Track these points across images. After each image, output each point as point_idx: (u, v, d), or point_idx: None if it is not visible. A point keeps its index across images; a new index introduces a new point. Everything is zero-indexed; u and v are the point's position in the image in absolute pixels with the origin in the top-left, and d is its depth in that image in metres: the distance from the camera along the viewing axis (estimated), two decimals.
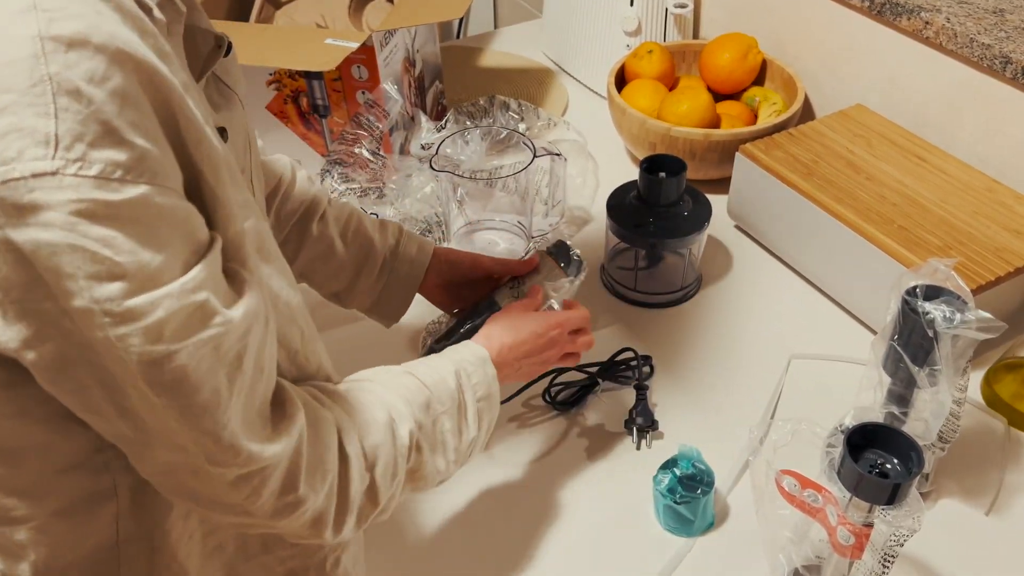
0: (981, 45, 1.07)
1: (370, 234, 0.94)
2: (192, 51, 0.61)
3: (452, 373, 0.72)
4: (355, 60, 1.18)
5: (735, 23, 1.48)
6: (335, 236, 0.92)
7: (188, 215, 0.49)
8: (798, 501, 0.69)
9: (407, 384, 0.69)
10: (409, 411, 0.67)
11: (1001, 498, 0.88)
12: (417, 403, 0.68)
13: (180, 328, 0.48)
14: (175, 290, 0.47)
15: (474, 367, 0.74)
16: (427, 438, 0.68)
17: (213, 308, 0.50)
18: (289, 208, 0.91)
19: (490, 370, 0.75)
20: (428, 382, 0.70)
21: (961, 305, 0.72)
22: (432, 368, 0.72)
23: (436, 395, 0.70)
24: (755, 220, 1.19)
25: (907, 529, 0.63)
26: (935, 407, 0.76)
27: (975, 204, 1.04)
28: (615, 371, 1.01)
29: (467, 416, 0.72)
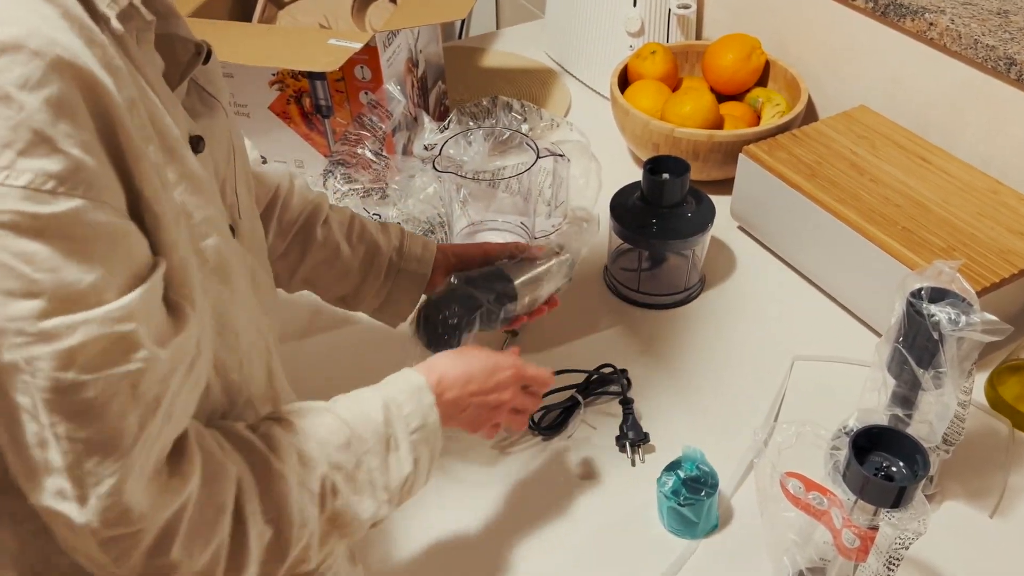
0: (985, 46, 1.07)
1: (375, 236, 0.94)
2: (171, 59, 0.60)
3: (379, 407, 0.67)
4: (358, 61, 1.18)
5: (738, 24, 1.48)
6: (340, 239, 0.92)
7: (127, 234, 0.46)
8: (803, 503, 0.69)
9: (325, 423, 0.64)
10: (323, 455, 0.62)
11: (1005, 500, 0.87)
12: (334, 444, 0.63)
13: (96, 358, 0.45)
14: (98, 316, 0.44)
15: (406, 396, 0.69)
16: (347, 480, 0.64)
17: (138, 342, 0.46)
18: (290, 216, 0.90)
19: (426, 399, 0.70)
20: (349, 419, 0.65)
21: (966, 307, 0.72)
22: (357, 402, 0.68)
23: (358, 433, 0.65)
24: (758, 221, 1.19)
25: (912, 532, 0.63)
26: (940, 409, 0.76)
27: (979, 205, 1.04)
28: (595, 388, 1.00)
29: (399, 451, 0.67)
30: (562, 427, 0.96)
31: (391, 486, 0.67)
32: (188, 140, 0.58)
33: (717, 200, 1.12)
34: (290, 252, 0.90)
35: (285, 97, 1.25)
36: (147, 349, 0.47)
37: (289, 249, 0.90)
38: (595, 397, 0.99)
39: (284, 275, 0.92)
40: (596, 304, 1.13)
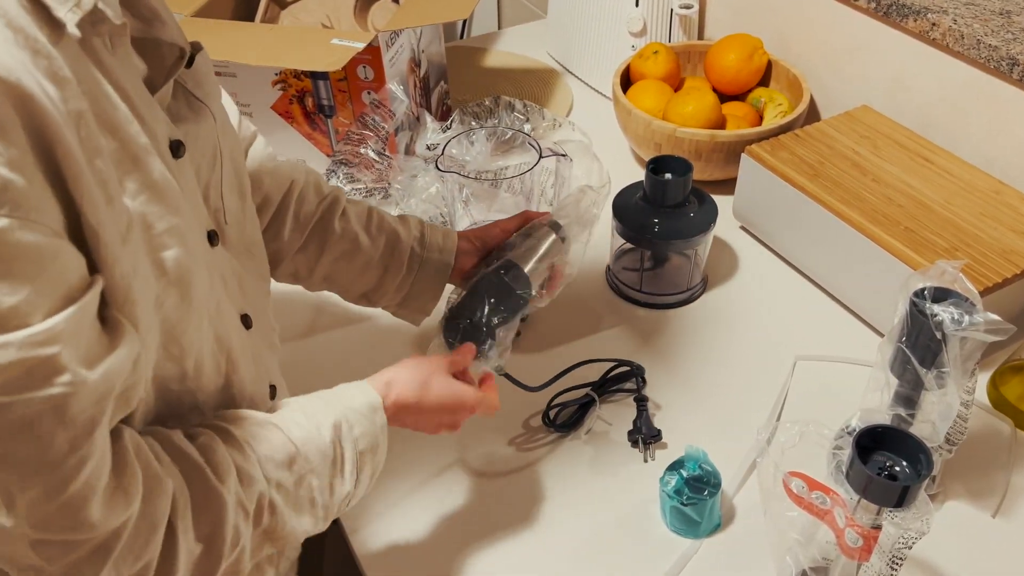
0: (988, 47, 1.07)
1: (394, 226, 0.92)
2: (157, 63, 0.60)
3: (330, 426, 0.67)
4: (361, 60, 1.18)
5: (740, 24, 1.48)
6: (359, 231, 0.90)
7: (58, 254, 0.45)
8: (806, 503, 0.69)
9: (269, 439, 0.64)
10: (263, 472, 0.62)
11: (1008, 500, 0.87)
12: (276, 461, 0.63)
13: (14, 381, 0.44)
14: (18, 339, 0.43)
15: (360, 417, 0.69)
16: (287, 498, 0.64)
17: (62, 365, 0.45)
18: (307, 209, 0.89)
19: (379, 419, 0.70)
20: (296, 438, 0.65)
21: (969, 307, 0.72)
22: (307, 417, 0.67)
23: (303, 452, 0.65)
24: (761, 221, 1.19)
25: (916, 531, 0.63)
26: (943, 409, 0.76)
27: (981, 206, 1.04)
28: (611, 386, 1.00)
29: (343, 471, 0.67)
30: (577, 424, 0.96)
31: (332, 504, 0.67)
32: (168, 145, 0.57)
33: (719, 200, 1.12)
34: (308, 246, 0.89)
35: (288, 97, 1.25)
36: (71, 372, 0.46)
37: (307, 243, 0.89)
38: (609, 394, 0.99)
39: (304, 272, 0.91)
40: (598, 304, 1.13)
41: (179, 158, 0.59)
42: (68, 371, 0.46)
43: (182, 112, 0.63)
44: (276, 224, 0.88)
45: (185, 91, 0.64)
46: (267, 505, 0.62)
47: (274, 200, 0.87)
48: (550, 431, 0.96)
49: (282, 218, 0.88)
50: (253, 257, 0.75)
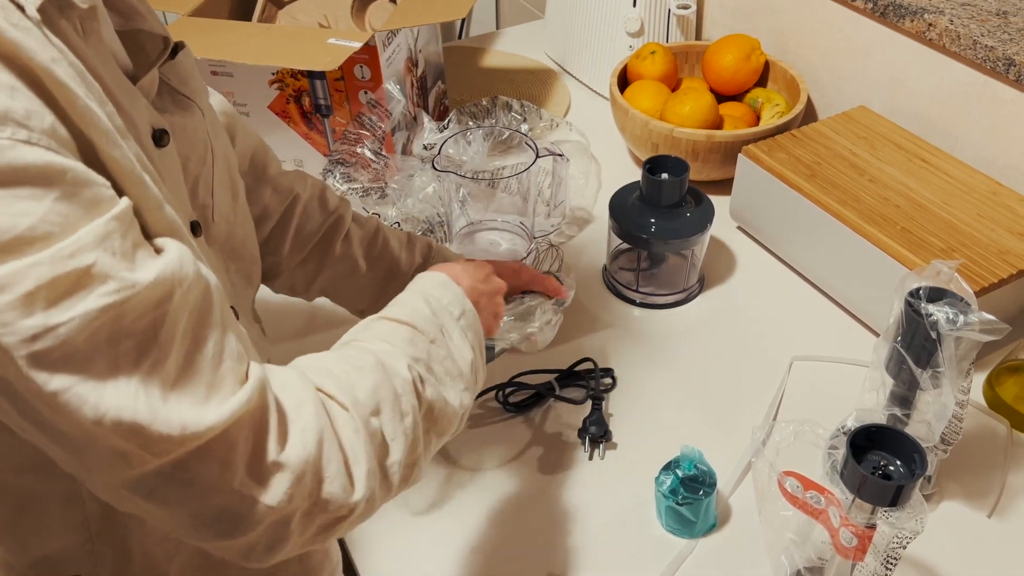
0: (984, 47, 1.07)
1: (396, 253, 0.93)
2: (141, 56, 0.60)
3: (422, 302, 0.68)
4: (358, 60, 1.18)
5: (738, 24, 1.48)
6: (359, 257, 0.91)
7: (66, 172, 0.43)
8: (800, 502, 0.69)
9: (380, 329, 0.65)
10: (399, 349, 0.63)
11: (1003, 500, 0.87)
12: (401, 339, 0.64)
13: (58, 298, 0.42)
14: (46, 257, 0.42)
15: (440, 291, 0.70)
16: (426, 370, 0.64)
17: (103, 273, 0.44)
18: (310, 227, 0.88)
19: (455, 288, 0.71)
20: (403, 317, 0.66)
21: (964, 307, 0.72)
22: (400, 304, 0.68)
23: (418, 326, 0.65)
24: (758, 221, 1.19)
25: (910, 531, 0.63)
26: (938, 409, 0.76)
27: (978, 206, 1.04)
28: (574, 380, 1.00)
29: (453, 338, 0.68)
30: (530, 409, 0.98)
31: (464, 372, 0.67)
32: (152, 134, 0.57)
33: (716, 200, 1.12)
34: (308, 263, 0.89)
35: (285, 96, 1.25)
36: (117, 279, 0.44)
37: (307, 260, 0.89)
38: (570, 388, 1.00)
39: (301, 284, 0.91)
40: (595, 304, 1.13)
41: (162, 147, 0.58)
42: (112, 278, 0.44)
43: (168, 107, 0.62)
44: (276, 238, 0.87)
45: (170, 88, 0.63)
46: (417, 377, 0.62)
47: (274, 213, 0.86)
48: (504, 409, 0.98)
49: (283, 233, 0.87)
50: (241, 259, 0.74)
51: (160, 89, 0.62)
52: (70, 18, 0.50)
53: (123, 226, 0.45)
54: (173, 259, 0.47)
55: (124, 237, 0.45)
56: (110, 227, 0.45)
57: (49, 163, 0.42)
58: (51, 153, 0.43)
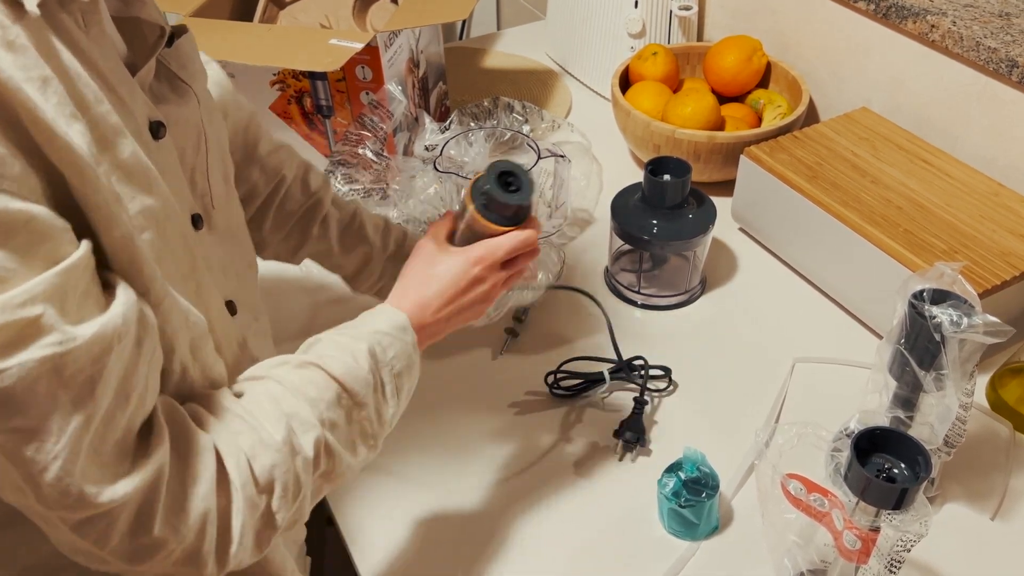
0: (987, 48, 1.06)
1: (371, 239, 0.94)
2: (140, 42, 0.60)
3: (365, 354, 0.66)
4: (359, 61, 1.18)
5: (740, 25, 1.48)
6: (334, 241, 0.93)
7: (30, 220, 0.45)
8: (804, 505, 0.69)
9: (312, 379, 0.63)
10: (314, 414, 0.61)
11: (1006, 503, 0.87)
12: (325, 400, 0.62)
13: (4, 346, 0.44)
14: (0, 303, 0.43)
15: (391, 340, 0.68)
16: (341, 436, 0.63)
17: (49, 325, 0.45)
18: (290, 208, 0.91)
19: (409, 338, 0.69)
20: (338, 373, 0.63)
21: (968, 309, 0.72)
22: (342, 351, 0.65)
23: (349, 386, 0.64)
24: (759, 223, 1.19)
25: (914, 534, 0.63)
26: (941, 411, 0.75)
27: (981, 208, 1.04)
28: (629, 374, 0.99)
29: (385, 395, 0.67)
30: (576, 398, 0.98)
31: (379, 431, 0.67)
32: (148, 126, 0.57)
33: (718, 202, 1.12)
34: (290, 239, 0.92)
35: (286, 97, 1.25)
36: (60, 332, 0.46)
37: (289, 236, 0.92)
38: (620, 382, 1.00)
39: (286, 255, 0.95)
40: (596, 305, 1.13)
41: (160, 139, 0.58)
42: (56, 330, 0.45)
43: (166, 94, 0.62)
44: (259, 217, 0.90)
45: (169, 72, 0.63)
46: (323, 449, 0.61)
47: (261, 194, 0.89)
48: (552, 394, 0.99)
49: (265, 212, 0.90)
50: (239, 243, 0.74)
51: (159, 73, 0.62)
52: (71, 11, 0.50)
53: (75, 275, 0.47)
54: (116, 314, 0.49)
55: (75, 288, 0.47)
56: (63, 278, 0.46)
57: (14, 210, 0.44)
58: (17, 200, 0.44)
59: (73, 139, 0.46)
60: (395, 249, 0.95)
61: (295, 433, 0.60)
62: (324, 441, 0.61)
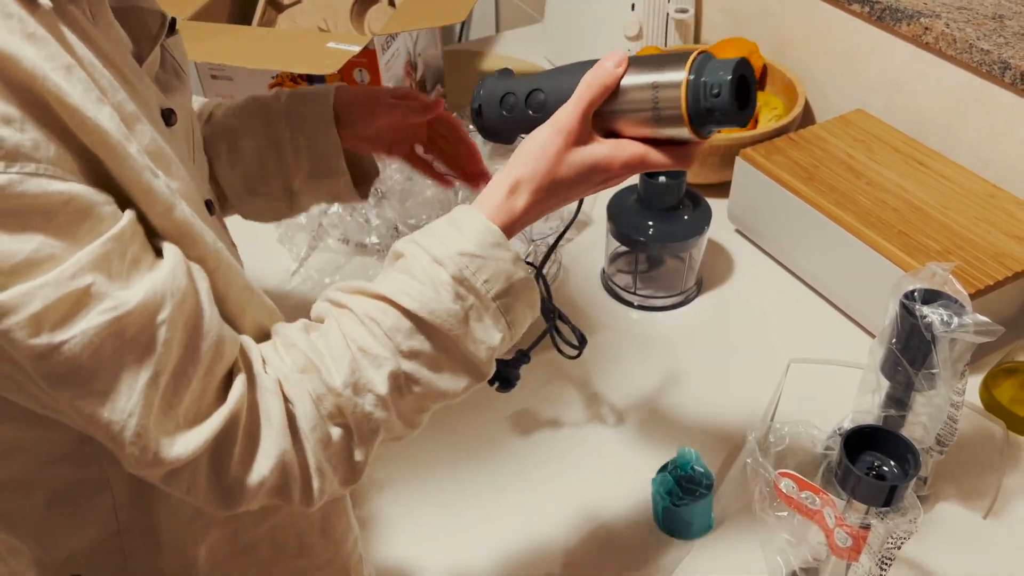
0: (980, 51, 1.07)
1: (259, 97, 0.85)
2: (142, 33, 0.60)
3: (448, 283, 0.58)
4: (357, 64, 1.19)
5: (736, 28, 1.48)
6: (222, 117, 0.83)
7: (70, 200, 0.46)
8: (796, 503, 0.69)
9: (386, 310, 0.58)
10: (388, 347, 0.57)
11: (999, 502, 0.88)
12: (403, 331, 0.58)
13: (64, 317, 0.46)
14: (52, 279, 0.45)
15: (481, 263, 0.59)
16: (430, 363, 0.59)
17: (101, 292, 0.47)
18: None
19: (505, 255, 0.60)
20: (414, 308, 0.57)
21: (959, 309, 0.72)
22: (421, 282, 0.58)
23: (429, 320, 0.58)
24: (755, 224, 1.19)
25: (904, 531, 0.63)
26: (933, 410, 0.76)
27: (976, 209, 1.04)
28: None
29: (482, 321, 0.59)
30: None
31: (480, 359, 0.60)
32: (160, 113, 0.58)
33: (714, 203, 1.13)
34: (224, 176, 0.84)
35: None
36: (112, 298, 0.47)
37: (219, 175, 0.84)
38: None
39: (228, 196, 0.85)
40: (593, 306, 1.13)
41: (171, 126, 0.59)
42: (109, 296, 0.47)
43: (171, 82, 0.63)
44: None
45: (173, 60, 0.64)
46: (404, 380, 0.58)
47: None
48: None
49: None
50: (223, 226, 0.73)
51: (164, 62, 0.63)
52: (79, 4, 0.51)
53: (121, 244, 0.48)
54: (166, 273, 0.50)
55: (122, 255, 0.48)
56: (107, 247, 0.47)
57: (54, 192, 0.45)
58: (56, 182, 0.45)
59: (103, 122, 0.47)
60: (287, 93, 0.83)
61: (363, 369, 0.57)
62: (402, 373, 0.58)
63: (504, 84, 0.69)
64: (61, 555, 0.61)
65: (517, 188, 0.61)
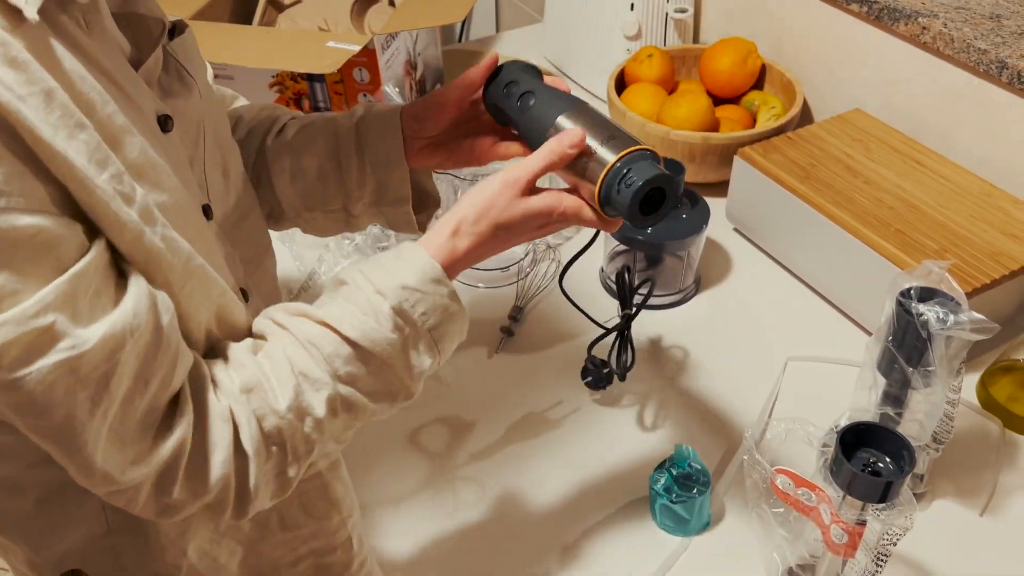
0: (978, 50, 1.07)
1: (328, 116, 0.83)
2: (144, 37, 0.60)
3: (388, 314, 0.61)
4: (357, 63, 1.19)
5: (735, 28, 1.49)
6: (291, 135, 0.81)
7: (38, 233, 0.46)
8: (792, 500, 0.70)
9: (327, 336, 0.60)
10: (327, 371, 0.60)
11: (995, 499, 0.88)
12: (342, 356, 0.60)
13: (22, 355, 0.46)
14: (13, 317, 0.45)
15: (420, 296, 0.62)
16: (364, 388, 0.61)
17: (62, 331, 0.47)
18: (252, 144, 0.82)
19: (443, 290, 0.63)
20: (355, 336, 0.60)
21: (955, 306, 0.73)
22: (363, 311, 0.61)
23: (367, 348, 0.61)
24: (753, 223, 1.20)
25: (899, 527, 0.64)
26: (929, 408, 0.76)
27: (972, 208, 1.05)
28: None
29: (419, 350, 0.63)
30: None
31: (414, 383, 0.64)
32: (156, 119, 0.58)
33: (712, 202, 1.13)
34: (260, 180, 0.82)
35: (284, 99, 1.26)
36: (72, 337, 0.48)
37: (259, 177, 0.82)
38: None
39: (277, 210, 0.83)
40: (592, 305, 1.13)
41: (168, 132, 0.59)
42: (68, 336, 0.47)
43: (174, 87, 0.63)
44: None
45: (177, 64, 0.64)
46: (340, 404, 0.61)
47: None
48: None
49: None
50: (242, 243, 0.73)
51: (168, 65, 0.63)
52: (71, 13, 0.51)
53: (85, 280, 0.48)
54: (127, 311, 0.50)
55: (86, 290, 0.49)
56: (72, 284, 0.48)
57: (22, 226, 0.45)
58: (25, 216, 0.45)
59: (72, 155, 0.47)
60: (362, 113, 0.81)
61: (304, 393, 0.59)
62: (339, 397, 0.60)
63: (519, 74, 0.76)
64: (54, 556, 0.62)
65: (459, 231, 0.66)
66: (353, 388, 0.61)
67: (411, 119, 0.79)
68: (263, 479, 0.59)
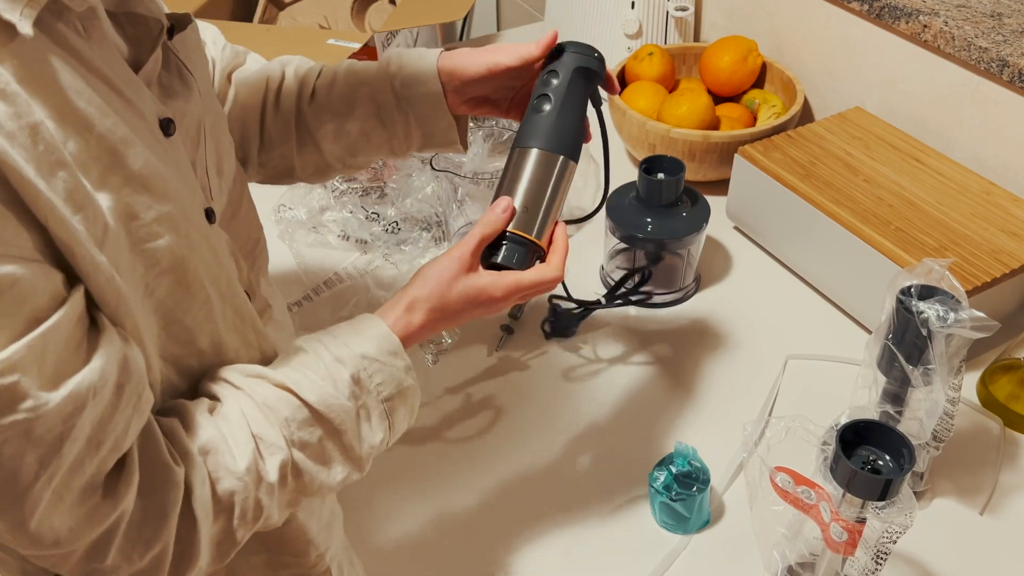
0: (979, 48, 1.07)
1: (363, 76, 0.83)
2: (145, 36, 0.59)
3: (347, 382, 0.63)
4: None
5: (735, 26, 1.49)
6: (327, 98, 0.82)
7: (15, 283, 0.45)
8: (792, 498, 0.70)
9: (286, 400, 0.61)
10: (283, 436, 0.60)
11: (995, 498, 0.88)
12: (297, 421, 0.61)
13: None
14: None
15: (379, 367, 0.65)
16: (315, 456, 0.62)
17: (23, 392, 0.45)
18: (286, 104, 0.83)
19: (400, 363, 0.66)
20: (312, 401, 0.61)
21: (955, 304, 0.73)
22: (322, 376, 0.63)
23: (324, 413, 0.62)
24: (753, 221, 1.20)
25: (899, 525, 0.64)
26: (929, 406, 0.76)
27: (972, 206, 1.05)
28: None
29: (371, 421, 0.65)
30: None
31: (365, 455, 0.65)
32: (159, 123, 0.57)
33: (713, 200, 1.13)
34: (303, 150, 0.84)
35: None
36: (33, 398, 0.46)
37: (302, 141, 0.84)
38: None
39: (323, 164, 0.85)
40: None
41: (170, 136, 0.58)
42: (30, 397, 0.46)
43: (175, 86, 0.62)
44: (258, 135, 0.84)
45: (178, 61, 0.63)
46: (290, 471, 0.60)
47: (254, 110, 0.83)
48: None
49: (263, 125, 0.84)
50: (239, 240, 0.73)
51: (168, 63, 0.61)
52: (69, 20, 0.50)
53: (57, 334, 0.47)
54: (95, 369, 0.49)
55: (56, 345, 0.47)
56: (42, 340, 0.46)
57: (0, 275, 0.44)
58: (6, 264, 0.44)
59: (52, 194, 0.46)
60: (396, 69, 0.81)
61: (260, 457, 0.59)
62: (291, 463, 0.61)
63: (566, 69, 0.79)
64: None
65: (414, 306, 0.70)
66: (305, 455, 0.61)
67: (450, 77, 0.81)
68: (209, 542, 0.57)
